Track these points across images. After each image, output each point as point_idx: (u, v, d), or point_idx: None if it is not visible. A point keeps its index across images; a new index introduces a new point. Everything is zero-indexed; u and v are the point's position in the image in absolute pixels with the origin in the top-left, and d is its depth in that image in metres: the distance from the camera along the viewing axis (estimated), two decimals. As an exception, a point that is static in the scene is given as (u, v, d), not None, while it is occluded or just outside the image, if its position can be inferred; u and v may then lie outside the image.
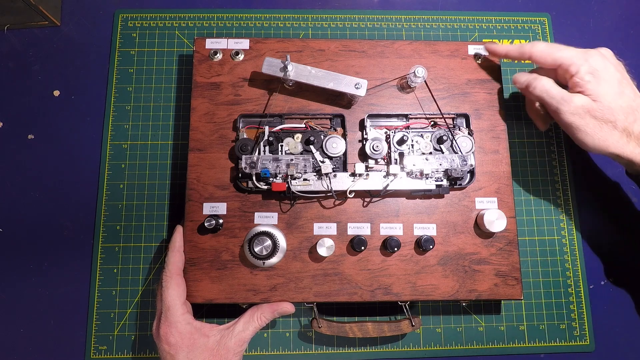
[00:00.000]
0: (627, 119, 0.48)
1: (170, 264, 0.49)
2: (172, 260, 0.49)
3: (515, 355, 0.56)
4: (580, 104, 0.48)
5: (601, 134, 0.48)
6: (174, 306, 0.47)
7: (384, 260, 0.51)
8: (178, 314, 0.47)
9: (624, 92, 0.48)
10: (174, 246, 0.50)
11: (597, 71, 0.48)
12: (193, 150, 0.52)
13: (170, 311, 0.47)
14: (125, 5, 0.65)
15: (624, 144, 0.48)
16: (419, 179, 0.51)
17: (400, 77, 0.55)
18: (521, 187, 0.60)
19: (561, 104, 0.48)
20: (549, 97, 0.49)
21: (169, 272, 0.48)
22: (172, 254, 0.49)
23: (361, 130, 0.53)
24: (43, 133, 0.60)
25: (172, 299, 0.47)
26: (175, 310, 0.47)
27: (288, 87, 0.54)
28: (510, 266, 0.51)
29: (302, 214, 0.52)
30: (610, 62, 0.49)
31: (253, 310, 0.50)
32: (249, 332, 0.49)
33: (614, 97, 0.48)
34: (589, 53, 0.49)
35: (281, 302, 0.50)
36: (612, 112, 0.47)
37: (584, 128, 0.48)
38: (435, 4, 0.68)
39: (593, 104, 0.47)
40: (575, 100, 0.48)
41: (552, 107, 0.50)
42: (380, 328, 0.51)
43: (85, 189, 0.58)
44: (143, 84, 0.61)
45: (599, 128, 0.48)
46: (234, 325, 0.49)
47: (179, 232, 0.51)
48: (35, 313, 0.55)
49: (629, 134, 0.48)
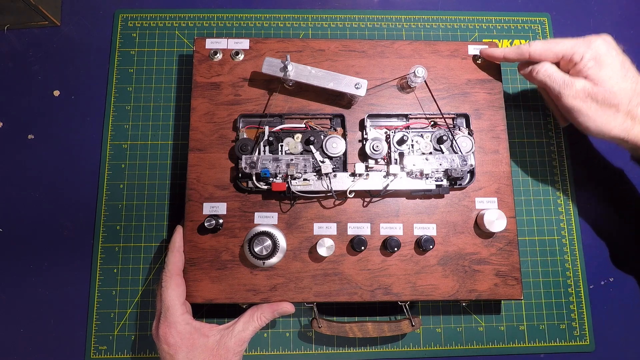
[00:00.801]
0: (631, 102, 0.47)
1: (170, 264, 0.49)
2: (172, 260, 0.49)
3: (515, 355, 0.56)
4: (581, 87, 0.48)
5: (604, 118, 0.48)
6: (173, 306, 0.47)
7: (384, 260, 0.51)
8: (177, 314, 0.47)
9: (626, 75, 0.48)
10: (173, 246, 0.50)
11: (600, 55, 0.48)
12: (193, 150, 0.52)
13: (170, 311, 0.47)
14: (125, 5, 0.65)
15: (629, 127, 0.48)
16: (419, 179, 0.51)
17: (400, 77, 0.55)
18: (521, 187, 0.60)
19: (563, 88, 0.49)
20: (551, 81, 0.50)
21: (168, 272, 0.48)
22: (172, 254, 0.49)
23: (361, 130, 0.53)
24: (43, 133, 0.60)
25: (171, 299, 0.47)
26: (175, 310, 0.47)
27: (288, 87, 0.54)
28: (510, 266, 0.51)
29: (302, 214, 0.52)
30: (612, 47, 0.49)
31: (253, 310, 0.49)
32: (248, 332, 0.48)
33: (617, 80, 0.48)
34: (590, 39, 0.49)
35: (281, 302, 0.50)
36: (615, 96, 0.47)
37: (586, 111, 0.48)
38: (435, 4, 0.68)
39: (595, 88, 0.48)
40: (576, 83, 0.48)
41: (554, 92, 0.50)
42: (380, 328, 0.51)
43: (85, 189, 0.58)
44: (143, 84, 0.61)
45: (601, 112, 0.48)
46: (234, 325, 0.49)
47: (178, 232, 0.51)
48: (35, 313, 0.55)
49: (633, 117, 0.48)
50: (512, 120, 0.62)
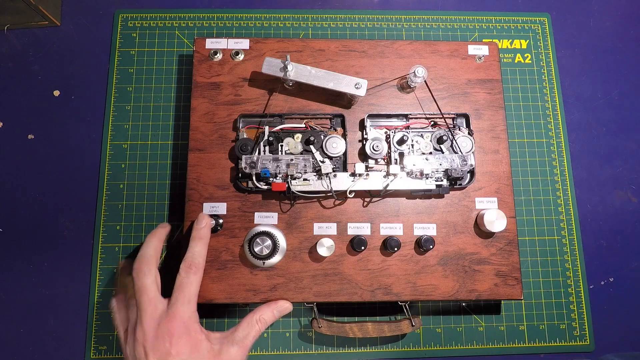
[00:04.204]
0: None
1: (199, 256, 0.45)
2: (201, 252, 0.46)
3: (515, 355, 0.56)
4: None
5: None
6: (191, 300, 0.44)
7: (384, 260, 0.51)
8: (192, 310, 0.44)
9: None
10: (200, 235, 0.47)
11: None
12: (193, 150, 0.52)
13: (191, 305, 0.44)
14: (125, 5, 0.65)
15: None
16: (419, 179, 0.51)
17: (400, 77, 0.55)
18: (521, 187, 0.60)
19: None
20: None
21: (195, 266, 0.45)
22: (200, 243, 0.46)
23: (361, 130, 0.53)
24: (43, 133, 0.60)
25: (194, 292, 0.44)
26: (193, 304, 0.44)
27: (288, 87, 0.54)
28: (510, 266, 0.51)
29: (302, 214, 0.52)
30: None
31: (251, 315, 0.47)
32: (250, 337, 0.46)
33: None
34: None
35: (278, 301, 0.49)
36: None
37: None
38: (435, 4, 0.68)
39: None
40: None
41: None
42: (380, 328, 0.51)
43: (85, 189, 0.58)
44: (143, 84, 0.61)
45: None
46: (234, 333, 0.46)
47: (208, 222, 0.48)
48: (35, 313, 0.55)
49: None
50: (512, 120, 0.62)
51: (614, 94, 0.65)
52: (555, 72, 0.64)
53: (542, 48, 0.65)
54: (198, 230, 0.48)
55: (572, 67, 0.65)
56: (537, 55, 0.65)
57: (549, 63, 0.65)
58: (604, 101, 0.65)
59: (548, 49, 0.65)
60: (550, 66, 0.65)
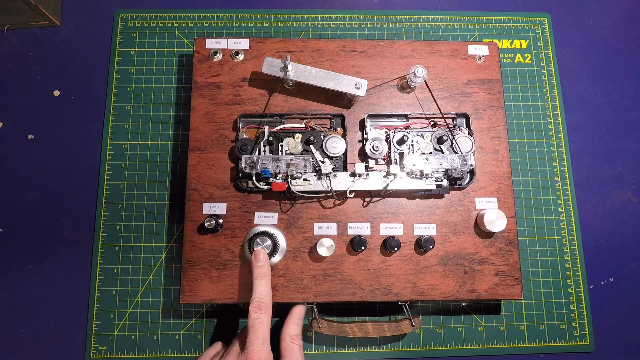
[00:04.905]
0: None
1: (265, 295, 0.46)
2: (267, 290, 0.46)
3: (515, 355, 0.56)
4: None
5: None
6: (268, 340, 0.44)
7: (384, 260, 0.51)
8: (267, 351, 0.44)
9: None
10: (261, 273, 0.47)
11: None
12: (193, 150, 0.52)
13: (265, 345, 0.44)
14: (125, 5, 0.65)
15: None
16: (419, 179, 0.51)
17: (400, 77, 0.55)
18: (521, 187, 0.60)
19: None
20: None
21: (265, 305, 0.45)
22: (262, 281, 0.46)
23: (361, 130, 0.53)
24: (43, 133, 0.60)
25: (267, 332, 0.44)
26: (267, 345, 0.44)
27: (288, 87, 0.54)
28: (510, 266, 0.51)
29: (302, 214, 0.52)
30: None
31: (283, 344, 0.47)
32: (300, 357, 0.47)
33: None
34: None
35: (291, 312, 0.49)
36: None
37: None
38: (435, 4, 0.68)
39: None
40: None
41: None
42: (380, 328, 0.51)
43: (85, 189, 0.58)
44: (143, 84, 0.61)
45: None
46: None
47: (266, 258, 0.48)
48: (35, 313, 0.55)
49: None
50: (512, 120, 0.62)
51: (614, 94, 0.65)
52: (555, 72, 0.64)
53: (542, 48, 0.65)
54: (259, 268, 0.47)
55: (572, 67, 0.66)
56: (537, 55, 0.65)
57: (549, 63, 0.65)
58: (604, 101, 0.65)
59: (548, 49, 0.65)
60: (550, 66, 0.65)
